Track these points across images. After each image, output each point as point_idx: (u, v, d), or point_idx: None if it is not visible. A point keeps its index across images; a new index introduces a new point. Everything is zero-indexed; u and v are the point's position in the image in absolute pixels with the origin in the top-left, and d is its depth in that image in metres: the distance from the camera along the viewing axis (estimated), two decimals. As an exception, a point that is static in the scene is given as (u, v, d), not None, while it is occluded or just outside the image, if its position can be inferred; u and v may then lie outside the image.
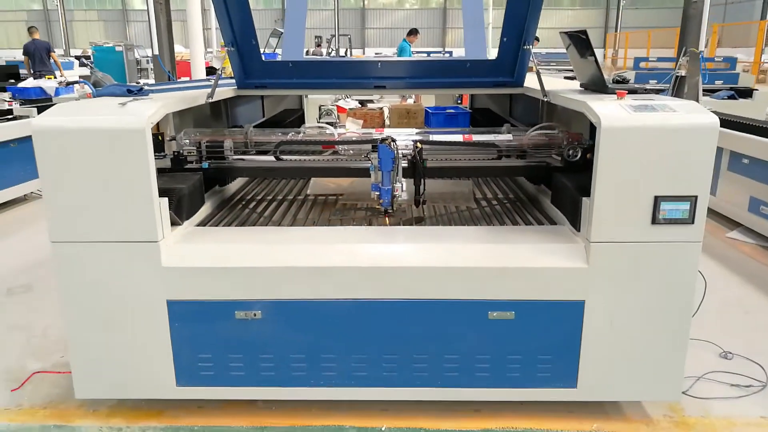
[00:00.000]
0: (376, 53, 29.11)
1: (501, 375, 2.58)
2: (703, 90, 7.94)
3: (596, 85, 2.81)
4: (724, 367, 3.13)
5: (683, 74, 7.34)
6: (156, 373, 2.59)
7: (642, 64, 15.19)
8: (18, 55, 13.68)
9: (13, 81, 9.53)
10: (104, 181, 2.33)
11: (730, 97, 8.85)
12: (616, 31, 32.71)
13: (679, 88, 7.19)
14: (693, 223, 2.35)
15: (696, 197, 2.32)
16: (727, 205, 5.59)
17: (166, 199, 2.46)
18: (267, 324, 2.52)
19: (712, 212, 5.73)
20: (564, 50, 3.02)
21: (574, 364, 2.55)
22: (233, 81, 3.61)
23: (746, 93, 9.30)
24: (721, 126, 2.39)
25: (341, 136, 3.16)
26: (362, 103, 11.08)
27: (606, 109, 2.33)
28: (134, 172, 2.32)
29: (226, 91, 3.41)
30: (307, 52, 18.51)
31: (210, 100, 3.08)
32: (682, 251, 2.39)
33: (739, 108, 8.07)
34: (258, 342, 2.56)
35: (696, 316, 2.83)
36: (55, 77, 9.92)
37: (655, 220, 2.34)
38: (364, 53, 32.62)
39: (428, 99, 10.18)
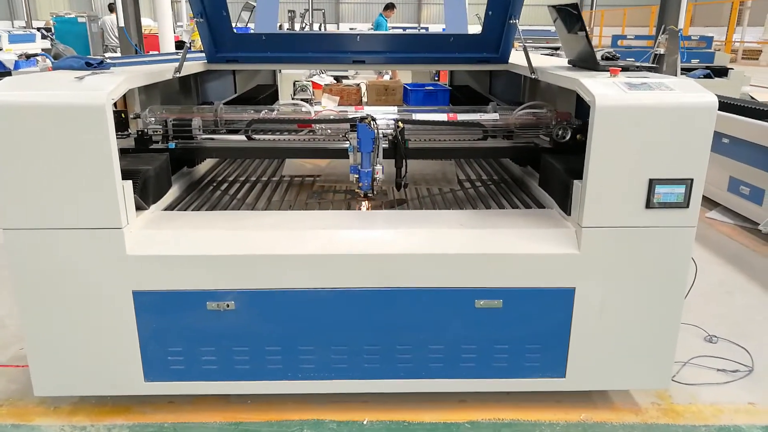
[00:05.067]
0: (350, 28, 28.58)
1: (487, 365, 2.48)
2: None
3: (586, 62, 2.68)
4: (710, 351, 3.09)
5: (662, 52, 7.29)
6: (122, 367, 2.43)
7: (619, 42, 15.14)
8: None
9: (-31, 54, 9.09)
10: (61, 162, 2.13)
11: (706, 76, 8.85)
12: (591, 8, 32.63)
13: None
14: (688, 207, 2.27)
15: (692, 180, 2.24)
16: (706, 185, 5.54)
17: (130, 182, 2.27)
18: (241, 315, 2.37)
19: (691, 192, 5.70)
20: (542, 27, 2.88)
21: (563, 353, 2.47)
22: (204, 55, 3.40)
23: (722, 72, 9.31)
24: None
25: (318, 114, 2.98)
26: (337, 78, 10.80)
27: (600, 87, 2.20)
28: (94, 153, 2.13)
29: (195, 65, 3.20)
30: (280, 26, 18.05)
31: (177, 75, 2.87)
32: (676, 236, 2.31)
33: (715, 87, 8.08)
34: (231, 334, 2.41)
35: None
36: None
37: (649, 204, 2.25)
38: (338, 28, 32.02)
39: (404, 75, 9.96)
